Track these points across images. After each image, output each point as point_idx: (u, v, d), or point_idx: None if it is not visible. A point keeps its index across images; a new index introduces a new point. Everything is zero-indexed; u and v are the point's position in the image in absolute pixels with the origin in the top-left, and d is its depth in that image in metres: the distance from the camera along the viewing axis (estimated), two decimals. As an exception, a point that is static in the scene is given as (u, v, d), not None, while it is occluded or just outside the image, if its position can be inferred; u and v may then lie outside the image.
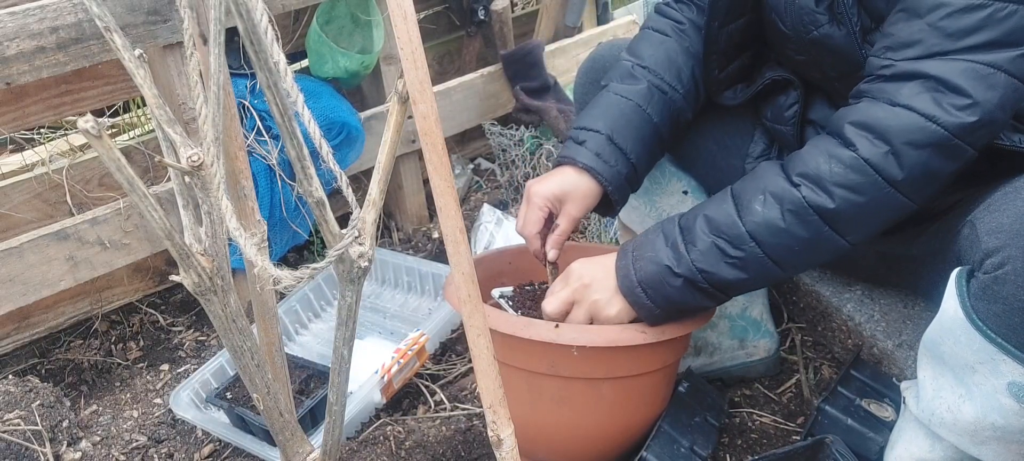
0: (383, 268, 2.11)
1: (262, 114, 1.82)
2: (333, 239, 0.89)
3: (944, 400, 1.11)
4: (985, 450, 1.10)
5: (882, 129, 1.06)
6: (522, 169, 2.33)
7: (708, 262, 1.17)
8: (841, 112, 1.14)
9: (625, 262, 1.24)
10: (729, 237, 1.15)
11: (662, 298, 1.21)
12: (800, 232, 1.12)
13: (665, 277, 1.19)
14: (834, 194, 1.09)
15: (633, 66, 1.42)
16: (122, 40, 0.87)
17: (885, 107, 1.07)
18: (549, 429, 1.34)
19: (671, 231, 1.22)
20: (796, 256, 1.15)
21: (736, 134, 1.51)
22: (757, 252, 1.14)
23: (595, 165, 1.32)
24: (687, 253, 1.18)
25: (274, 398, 1.07)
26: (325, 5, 1.97)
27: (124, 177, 0.79)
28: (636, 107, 1.37)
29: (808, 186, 1.11)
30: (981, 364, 1.03)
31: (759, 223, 1.13)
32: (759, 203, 1.14)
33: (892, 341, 1.51)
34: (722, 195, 1.21)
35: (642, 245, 1.24)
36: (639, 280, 1.21)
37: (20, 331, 1.94)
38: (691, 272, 1.18)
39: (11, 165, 2.02)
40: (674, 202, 1.61)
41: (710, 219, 1.18)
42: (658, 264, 1.20)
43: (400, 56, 0.84)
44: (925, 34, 1.05)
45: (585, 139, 1.36)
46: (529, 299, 1.51)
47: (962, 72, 1.02)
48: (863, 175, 1.08)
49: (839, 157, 1.09)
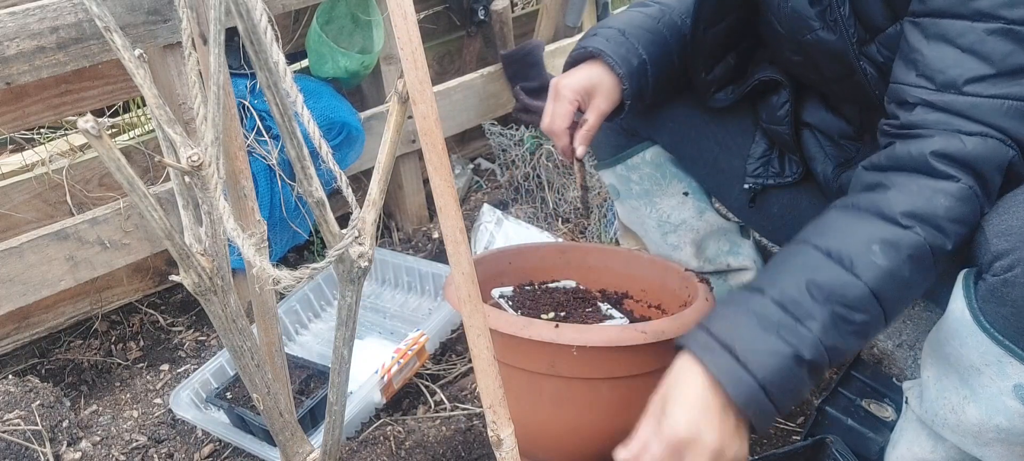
0: (383, 268, 2.11)
1: (262, 114, 1.82)
2: (333, 239, 0.89)
3: (948, 401, 1.11)
4: (988, 452, 1.10)
5: (970, 160, 1.01)
6: (522, 169, 2.33)
7: (833, 336, 0.99)
8: (916, 146, 1.04)
9: (726, 365, 0.98)
10: (849, 301, 0.99)
11: (786, 396, 0.99)
12: (918, 278, 1.01)
13: (793, 369, 0.97)
14: (949, 231, 1.00)
15: (648, 3, 1.45)
16: (122, 40, 0.87)
17: (962, 137, 1.01)
18: (549, 429, 1.34)
19: (767, 311, 1.01)
20: (901, 307, 1.05)
21: (737, 134, 1.51)
22: (878, 311, 1.00)
23: (606, 48, 1.32)
24: (809, 331, 0.98)
25: (274, 398, 1.07)
26: (325, 5, 1.97)
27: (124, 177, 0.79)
28: (649, 17, 1.39)
29: (923, 227, 1.00)
30: (987, 366, 1.03)
31: (883, 276, 0.99)
32: (876, 256, 1.00)
33: (892, 341, 1.51)
34: (811, 257, 1.04)
35: (735, 336, 1.00)
36: (764, 381, 0.97)
37: (20, 331, 1.94)
38: (819, 353, 0.98)
39: (11, 165, 2.02)
40: (675, 203, 1.61)
41: (820, 285, 1.00)
42: (780, 354, 0.97)
43: (400, 56, 0.84)
44: (961, 59, 1.03)
45: (597, 32, 1.36)
46: (529, 299, 1.51)
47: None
48: (970, 204, 1.01)
49: (945, 190, 1.00)
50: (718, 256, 1.65)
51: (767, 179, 1.47)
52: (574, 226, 2.25)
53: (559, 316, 1.45)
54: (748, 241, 1.67)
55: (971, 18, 1.01)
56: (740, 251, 1.65)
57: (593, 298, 1.55)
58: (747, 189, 1.49)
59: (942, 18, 1.04)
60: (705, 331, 1.03)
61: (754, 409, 0.97)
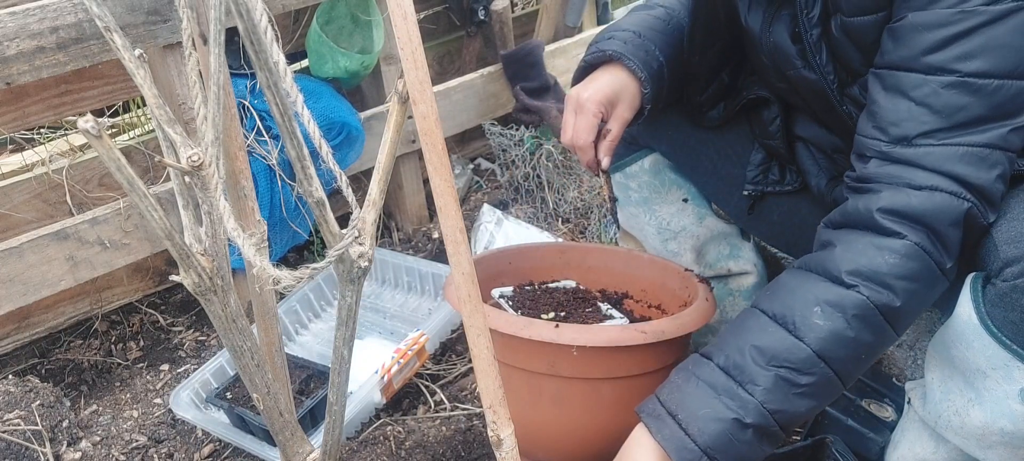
0: (383, 268, 2.11)
1: (262, 114, 1.82)
2: (333, 239, 0.89)
3: (952, 403, 1.11)
4: (991, 455, 1.10)
5: (917, 214, 1.00)
6: (522, 169, 2.33)
7: (777, 400, 1.01)
8: (858, 202, 1.05)
9: (672, 432, 1.03)
10: (793, 364, 1.01)
11: (733, 459, 1.02)
12: (867, 337, 1.01)
13: (734, 433, 1.00)
14: (897, 288, 1.00)
15: (649, 2, 1.44)
16: (122, 40, 0.87)
17: (911, 191, 1.01)
18: (549, 429, 1.34)
19: (713, 377, 1.04)
20: (857, 366, 1.05)
21: (737, 142, 1.51)
22: (826, 373, 1.01)
23: (625, 52, 1.28)
24: (751, 396, 1.01)
25: (274, 398, 1.07)
26: (325, 5, 1.97)
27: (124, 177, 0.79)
28: (657, 21, 1.37)
29: (867, 285, 1.00)
30: (994, 370, 1.03)
31: (825, 338, 1.00)
32: (817, 317, 1.01)
33: (892, 341, 1.51)
34: (755, 322, 1.06)
35: (682, 403, 1.04)
36: (705, 446, 1.01)
37: (20, 331, 1.93)
38: (762, 417, 1.01)
39: (11, 165, 2.02)
40: (674, 210, 1.61)
41: (761, 350, 1.02)
42: (721, 420, 1.01)
43: (400, 56, 0.84)
44: (916, 113, 1.01)
45: (612, 35, 1.33)
46: (529, 299, 1.51)
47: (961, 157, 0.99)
48: (919, 261, 1.00)
49: (890, 247, 1.00)
50: (719, 260, 1.65)
51: (766, 186, 1.47)
52: (574, 226, 2.25)
53: (559, 316, 1.45)
54: (748, 244, 1.67)
55: (925, 71, 1.00)
56: (741, 254, 1.65)
57: (593, 298, 1.55)
58: (746, 196, 1.50)
59: (898, 71, 1.03)
60: (656, 399, 1.08)
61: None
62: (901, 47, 1.02)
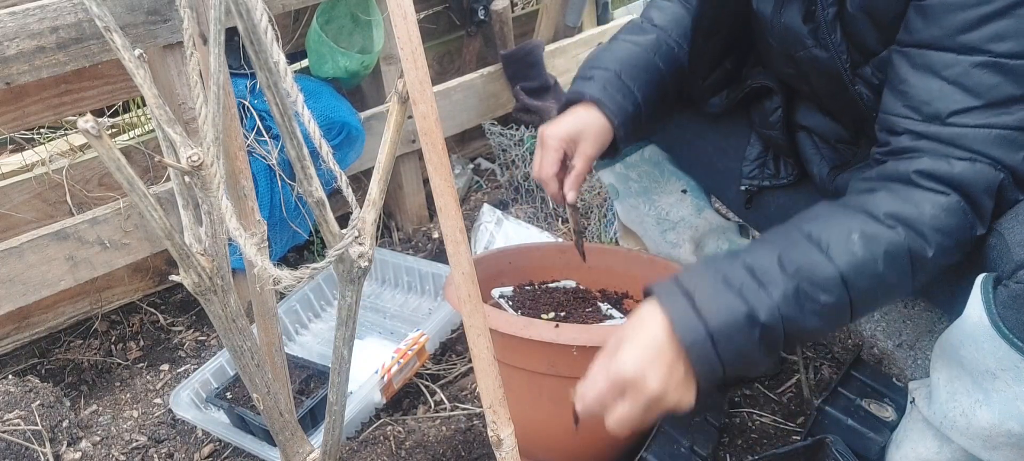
0: (383, 268, 2.11)
1: (262, 114, 1.82)
2: (333, 239, 0.89)
3: (959, 404, 1.11)
4: (996, 456, 1.10)
5: (957, 182, 1.02)
6: (522, 169, 2.33)
7: (793, 308, 1.00)
8: (903, 164, 1.06)
9: (682, 309, 1.01)
10: (817, 280, 1.00)
11: (733, 354, 1.01)
12: (891, 277, 1.02)
13: (744, 327, 0.99)
14: (931, 239, 1.01)
15: (643, 23, 1.44)
16: (122, 40, 0.87)
17: (951, 162, 1.02)
18: (549, 429, 1.34)
19: (734, 274, 1.03)
20: (873, 302, 1.06)
21: (732, 137, 1.52)
22: (844, 298, 1.02)
23: (602, 97, 1.31)
24: (768, 296, 1.00)
25: (274, 398, 1.07)
26: (325, 5, 1.97)
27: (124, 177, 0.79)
28: (644, 52, 1.38)
29: (905, 229, 1.01)
30: (1003, 371, 1.03)
31: (855, 265, 1.01)
32: (853, 244, 1.01)
33: (892, 341, 1.51)
34: (790, 236, 1.06)
35: (699, 287, 1.02)
36: (712, 330, 0.99)
37: (20, 331, 1.93)
38: (774, 319, 1.00)
39: (11, 165, 2.02)
40: (673, 201, 1.61)
41: (788, 259, 1.02)
42: (735, 311, 0.99)
43: (400, 56, 0.84)
44: (948, 92, 1.03)
45: (593, 75, 1.35)
46: (529, 299, 1.51)
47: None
48: (959, 218, 1.02)
49: (933, 200, 1.02)
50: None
51: (763, 181, 1.47)
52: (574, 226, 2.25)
53: (559, 316, 1.45)
54: (747, 240, 1.67)
55: (957, 51, 1.01)
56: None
57: (593, 298, 1.55)
58: (743, 190, 1.50)
59: (929, 50, 1.04)
60: (673, 280, 1.05)
61: (697, 355, 0.99)
62: (932, 26, 1.03)
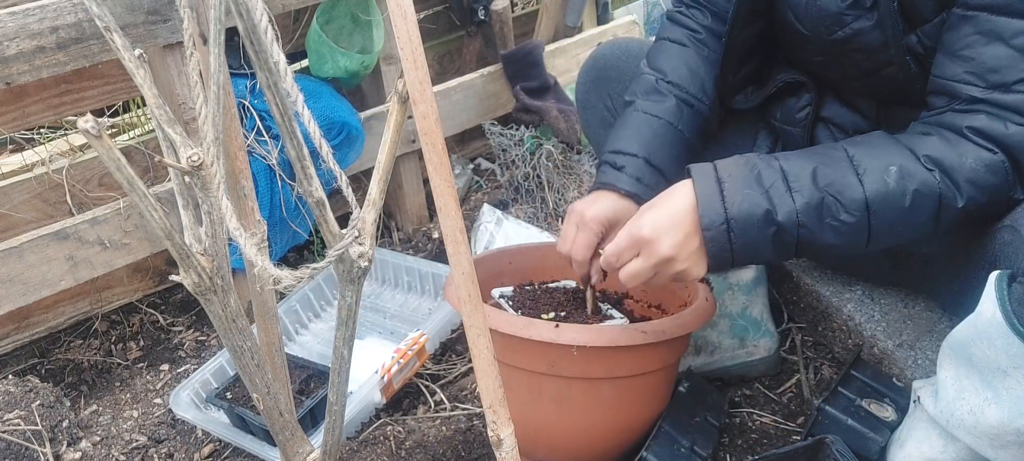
0: (383, 268, 2.11)
1: (262, 114, 1.82)
2: (333, 239, 0.89)
3: (966, 402, 1.11)
4: (1003, 454, 1.09)
5: (1008, 144, 1.05)
6: (522, 169, 2.33)
7: (812, 218, 1.06)
8: (959, 118, 1.08)
9: (710, 190, 1.09)
10: (844, 199, 1.06)
11: (745, 244, 1.09)
12: (915, 215, 1.07)
13: (760, 222, 1.07)
14: (965, 190, 1.05)
15: (657, 81, 1.41)
16: (122, 40, 0.87)
17: (1008, 124, 1.05)
18: (549, 429, 1.34)
19: (769, 172, 1.09)
20: (894, 236, 1.10)
21: (738, 135, 1.51)
22: (864, 223, 1.07)
23: (637, 190, 1.31)
24: (793, 200, 1.06)
25: (274, 398, 1.07)
26: (325, 5, 1.97)
27: (124, 177, 0.79)
28: (668, 125, 1.37)
29: (941, 174, 1.05)
30: (1015, 368, 1.03)
31: (883, 194, 1.06)
32: (888, 175, 1.06)
33: (892, 341, 1.51)
34: (832, 153, 1.10)
35: (732, 174, 1.09)
36: (730, 216, 1.07)
37: (20, 331, 1.93)
38: (791, 222, 1.06)
39: (11, 165, 2.02)
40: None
41: (823, 173, 1.07)
42: (756, 205, 1.06)
43: (400, 56, 0.84)
44: (1014, 60, 1.04)
45: (623, 165, 1.34)
46: (529, 299, 1.51)
47: None
48: (998, 177, 1.05)
49: (978, 155, 1.05)
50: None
51: None
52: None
53: (559, 316, 1.45)
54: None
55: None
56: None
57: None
58: None
59: (996, 15, 1.04)
60: (713, 165, 1.13)
61: (712, 236, 1.08)
62: None
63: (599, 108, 1.65)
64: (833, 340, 1.65)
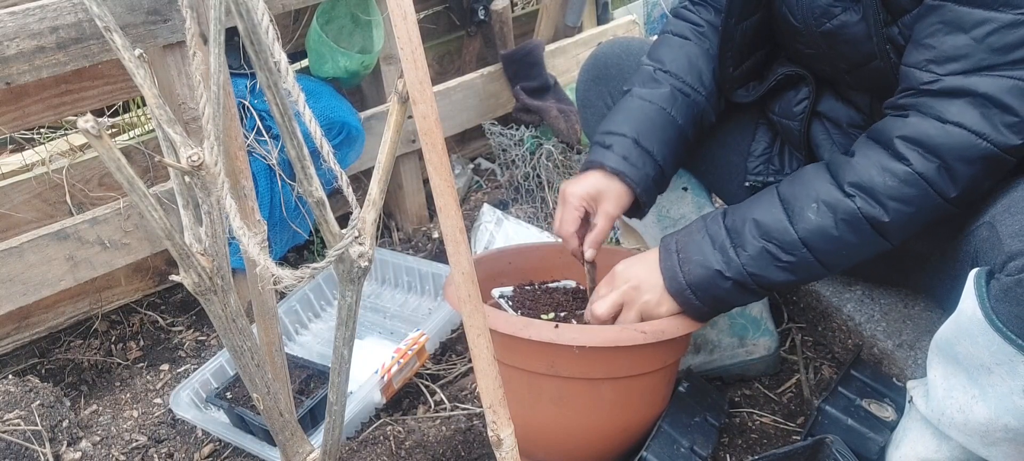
0: (383, 268, 2.11)
1: (262, 114, 1.82)
2: (333, 239, 0.89)
3: (955, 400, 1.11)
4: (995, 451, 1.10)
5: (934, 145, 1.08)
6: (522, 169, 2.33)
7: (758, 266, 1.18)
8: (888, 124, 1.14)
9: (671, 264, 1.24)
10: (780, 243, 1.17)
11: (710, 299, 1.23)
12: (851, 239, 1.14)
13: (715, 281, 1.20)
14: (888, 207, 1.11)
15: (655, 70, 1.43)
16: (122, 40, 0.87)
17: (935, 124, 1.08)
18: (549, 429, 1.34)
19: (717, 233, 1.22)
20: (844, 258, 1.18)
21: (737, 131, 1.51)
22: (808, 257, 1.16)
23: (623, 168, 1.33)
24: (737, 257, 1.19)
25: (274, 398, 1.07)
26: (325, 5, 1.97)
27: (124, 177, 0.79)
28: (660, 110, 1.38)
29: (862, 198, 1.12)
30: (998, 365, 1.03)
31: (812, 230, 1.15)
32: (812, 211, 1.15)
33: (892, 341, 1.51)
34: (768, 199, 1.21)
35: (687, 246, 1.24)
36: (688, 283, 1.22)
37: (20, 331, 1.93)
38: (741, 276, 1.19)
39: (11, 165, 2.02)
40: (674, 198, 1.61)
41: (759, 223, 1.18)
42: (707, 268, 1.21)
43: (400, 56, 0.84)
44: (971, 49, 1.05)
45: (611, 143, 1.36)
46: (529, 299, 1.51)
47: (1010, 90, 1.03)
48: (916, 188, 1.10)
49: (892, 171, 1.11)
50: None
51: (768, 176, 1.47)
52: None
53: (559, 316, 1.45)
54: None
55: (988, 8, 1.03)
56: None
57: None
58: (747, 186, 1.49)
59: (961, 6, 1.06)
60: (673, 236, 1.28)
61: (681, 301, 1.24)
62: None
63: (600, 107, 1.65)
64: (833, 340, 1.65)
